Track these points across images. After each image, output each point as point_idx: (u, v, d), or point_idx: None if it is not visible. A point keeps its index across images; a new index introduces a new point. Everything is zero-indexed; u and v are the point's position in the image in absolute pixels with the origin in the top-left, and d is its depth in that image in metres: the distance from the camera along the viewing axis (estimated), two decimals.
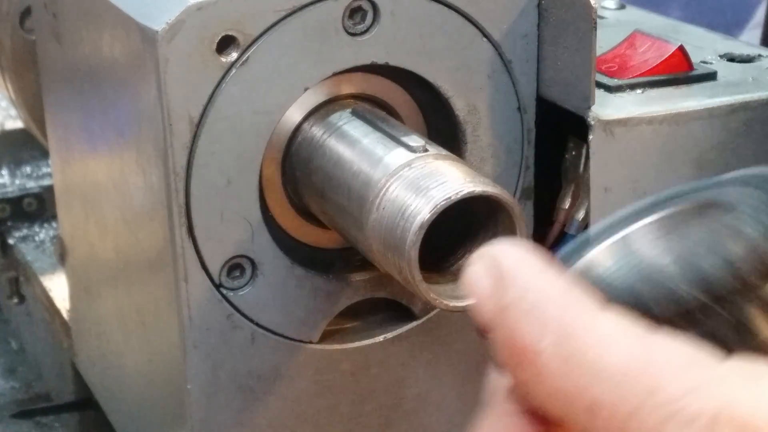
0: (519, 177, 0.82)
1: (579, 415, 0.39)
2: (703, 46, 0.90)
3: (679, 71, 0.82)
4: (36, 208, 1.30)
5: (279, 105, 0.74)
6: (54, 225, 1.25)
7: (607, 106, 0.78)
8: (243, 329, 0.77)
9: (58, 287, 1.13)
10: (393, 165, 0.70)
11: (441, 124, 0.80)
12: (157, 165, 0.73)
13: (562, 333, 0.40)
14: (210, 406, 0.78)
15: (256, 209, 0.75)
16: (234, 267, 0.76)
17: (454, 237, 0.71)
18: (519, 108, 0.80)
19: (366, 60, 0.75)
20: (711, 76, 0.83)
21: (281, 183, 0.78)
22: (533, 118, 0.81)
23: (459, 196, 0.66)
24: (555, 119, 0.80)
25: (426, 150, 0.70)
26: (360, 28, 0.74)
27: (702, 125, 0.79)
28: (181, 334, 0.75)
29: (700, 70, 0.83)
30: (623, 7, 1.02)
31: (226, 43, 0.71)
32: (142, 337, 0.85)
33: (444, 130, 0.80)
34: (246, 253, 0.75)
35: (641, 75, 0.81)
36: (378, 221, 0.69)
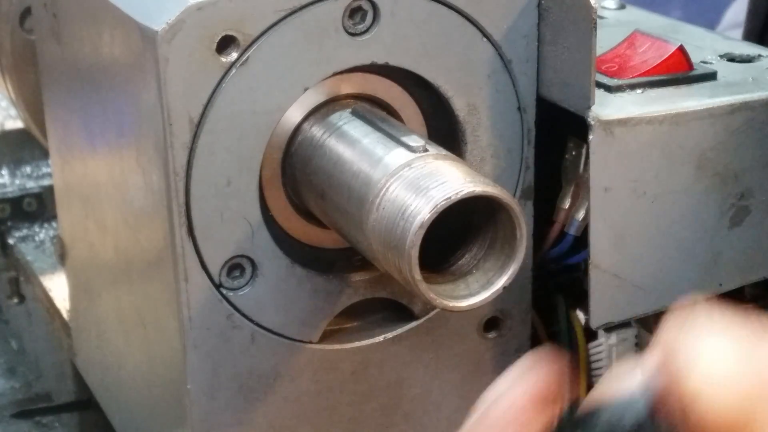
0: (519, 177, 0.82)
1: None
2: (703, 46, 0.90)
3: (679, 71, 0.82)
4: (36, 208, 1.30)
5: (279, 105, 0.74)
6: (54, 225, 1.25)
7: (607, 106, 0.78)
8: (243, 329, 0.77)
9: (58, 287, 1.13)
10: (393, 165, 0.70)
11: (441, 124, 0.80)
12: (157, 165, 0.73)
13: None
14: (210, 406, 0.78)
15: (256, 209, 0.75)
16: (234, 267, 0.76)
17: (454, 237, 0.71)
18: (519, 108, 0.80)
19: (366, 60, 0.75)
20: (711, 76, 0.83)
21: (281, 183, 0.78)
22: (533, 118, 0.81)
23: (459, 196, 0.66)
24: (555, 119, 0.80)
25: (426, 150, 0.70)
26: (360, 28, 0.74)
27: (702, 125, 0.79)
28: (181, 334, 0.75)
29: (700, 70, 0.83)
30: (623, 7, 1.02)
31: (226, 43, 0.71)
32: (142, 337, 0.85)
33: (444, 130, 0.80)
34: (246, 253, 0.76)
35: (641, 75, 0.81)
36: (378, 221, 0.69)
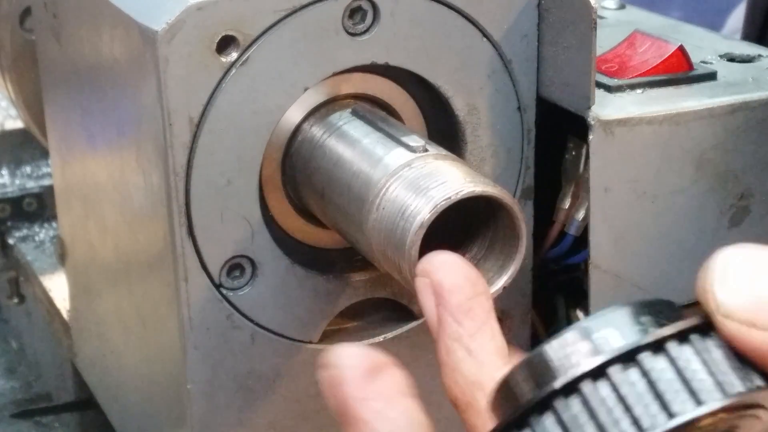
0: (519, 177, 0.81)
1: None
2: (703, 46, 0.90)
3: (679, 71, 0.82)
4: (36, 208, 1.30)
5: (279, 105, 0.74)
6: (54, 225, 1.25)
7: (607, 106, 0.78)
8: (243, 329, 0.77)
9: (58, 287, 1.13)
10: (393, 165, 0.70)
11: (441, 124, 0.80)
12: (157, 165, 0.73)
13: None
14: (210, 406, 0.78)
15: (256, 209, 0.75)
16: (234, 267, 0.76)
17: (454, 237, 0.71)
18: (519, 108, 0.80)
19: (366, 60, 0.75)
20: (711, 76, 0.83)
21: (281, 183, 0.78)
22: (533, 118, 0.81)
23: (459, 196, 0.66)
24: (555, 119, 0.80)
25: (426, 150, 0.70)
26: (360, 28, 0.74)
27: (702, 125, 0.79)
28: (181, 334, 0.75)
29: (700, 70, 0.83)
30: (623, 7, 1.02)
31: (226, 43, 0.71)
32: (142, 337, 0.84)
33: (444, 130, 0.80)
34: (246, 253, 0.75)
35: (641, 75, 0.81)
36: (378, 221, 0.69)
